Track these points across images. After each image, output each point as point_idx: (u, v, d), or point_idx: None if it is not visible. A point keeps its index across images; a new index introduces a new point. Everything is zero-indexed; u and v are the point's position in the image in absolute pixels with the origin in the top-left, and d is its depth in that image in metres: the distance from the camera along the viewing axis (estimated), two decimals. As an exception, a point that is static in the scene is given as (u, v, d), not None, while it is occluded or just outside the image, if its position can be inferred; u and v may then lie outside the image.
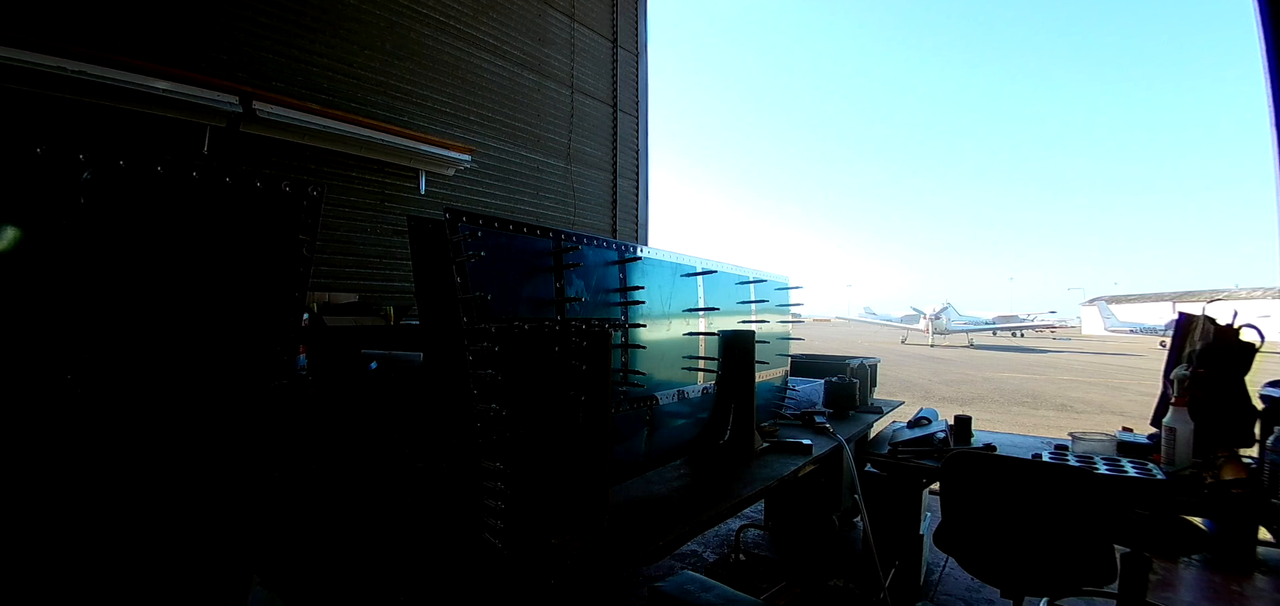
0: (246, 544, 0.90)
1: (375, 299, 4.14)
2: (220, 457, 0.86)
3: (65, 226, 0.70)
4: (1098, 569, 1.74)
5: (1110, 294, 43.78)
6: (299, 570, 1.17)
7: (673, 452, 2.02)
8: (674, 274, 1.98)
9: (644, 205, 6.97)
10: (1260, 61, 2.32)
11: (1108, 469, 1.97)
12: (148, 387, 0.79)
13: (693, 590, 2.21)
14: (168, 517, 0.82)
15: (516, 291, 1.38)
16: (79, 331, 0.72)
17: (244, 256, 0.86)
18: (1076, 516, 1.71)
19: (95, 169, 0.71)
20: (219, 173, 0.81)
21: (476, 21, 5.07)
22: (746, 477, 1.92)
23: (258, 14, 3.73)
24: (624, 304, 1.70)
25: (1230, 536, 3.06)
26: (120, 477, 0.77)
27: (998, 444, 2.40)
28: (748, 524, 3.36)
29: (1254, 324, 2.25)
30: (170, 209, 0.79)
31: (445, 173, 4.76)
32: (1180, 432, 2.02)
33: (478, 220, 1.26)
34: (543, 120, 5.71)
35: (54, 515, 0.72)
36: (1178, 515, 1.95)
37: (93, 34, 3.06)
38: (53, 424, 0.71)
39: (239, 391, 0.87)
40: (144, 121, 3.21)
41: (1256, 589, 2.83)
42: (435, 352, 1.32)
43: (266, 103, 3.51)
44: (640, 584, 2.59)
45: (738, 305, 2.31)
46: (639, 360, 1.74)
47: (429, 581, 1.17)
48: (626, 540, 1.39)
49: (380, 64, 4.38)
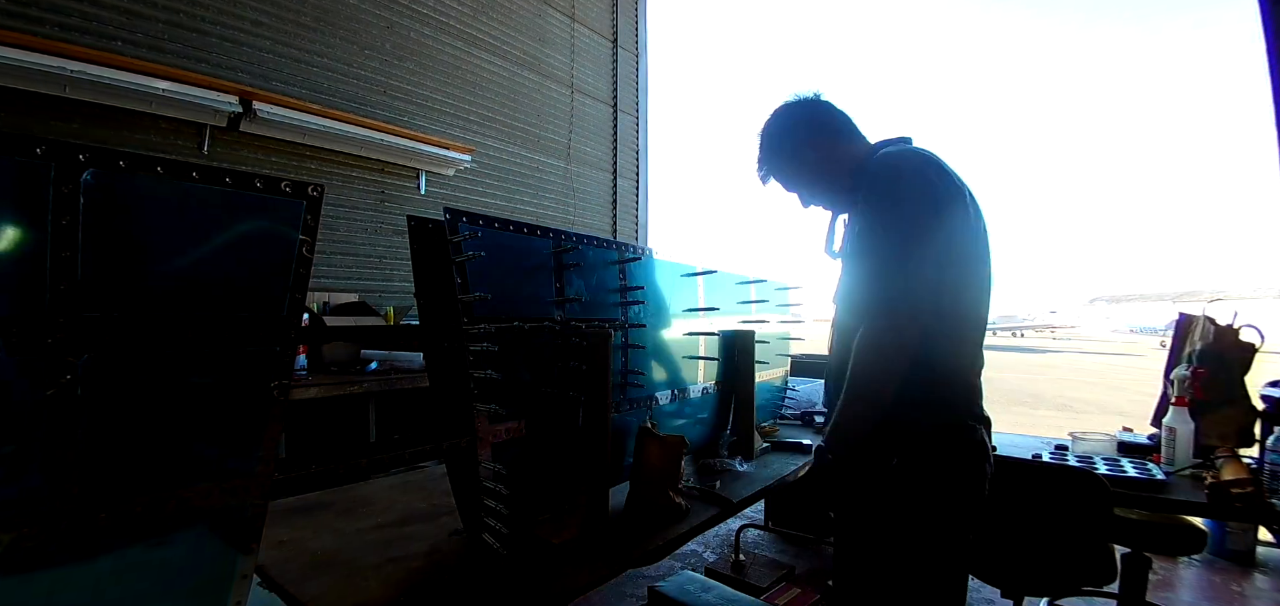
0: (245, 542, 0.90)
1: (375, 299, 4.15)
2: (220, 457, 0.86)
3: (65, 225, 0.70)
4: (1098, 569, 1.74)
5: (1111, 294, 43.78)
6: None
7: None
8: (674, 274, 1.98)
9: (644, 205, 6.97)
10: (1263, 61, 2.32)
11: (1108, 469, 1.97)
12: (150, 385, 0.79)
13: (693, 590, 2.22)
14: (168, 519, 0.82)
15: (516, 291, 1.38)
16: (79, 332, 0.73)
17: (244, 256, 0.86)
18: (1076, 516, 1.71)
19: (96, 168, 0.71)
20: (219, 172, 0.81)
21: (476, 21, 5.07)
22: (746, 477, 1.92)
23: (258, 14, 3.73)
24: (623, 304, 1.70)
25: (1230, 536, 3.07)
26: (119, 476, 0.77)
27: (997, 443, 2.39)
28: (748, 524, 3.37)
29: (1254, 324, 2.25)
30: (170, 208, 0.79)
31: (445, 173, 4.76)
32: (1180, 432, 2.02)
33: (478, 220, 1.26)
34: (543, 120, 5.71)
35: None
36: (1178, 515, 1.95)
37: (93, 34, 3.06)
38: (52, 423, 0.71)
39: (239, 392, 0.87)
40: (144, 121, 3.21)
41: (1256, 589, 2.84)
42: (435, 352, 1.32)
43: (266, 103, 3.52)
44: (640, 584, 2.59)
45: (738, 305, 2.31)
46: (638, 360, 1.74)
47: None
48: (626, 540, 1.39)
49: (380, 64, 4.38)
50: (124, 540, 0.78)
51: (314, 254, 0.90)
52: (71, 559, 0.74)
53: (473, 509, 1.27)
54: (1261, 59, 2.28)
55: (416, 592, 1.12)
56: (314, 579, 1.17)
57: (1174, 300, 20.77)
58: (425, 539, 1.37)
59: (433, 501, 1.64)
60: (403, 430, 3.14)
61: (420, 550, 1.31)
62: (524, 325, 1.36)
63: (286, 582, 1.14)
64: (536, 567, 1.22)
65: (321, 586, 1.14)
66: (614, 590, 2.67)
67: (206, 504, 0.84)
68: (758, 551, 3.14)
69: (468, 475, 1.27)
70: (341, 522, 1.49)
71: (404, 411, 3.19)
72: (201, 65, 3.44)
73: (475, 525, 1.27)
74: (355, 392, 2.95)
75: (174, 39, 3.36)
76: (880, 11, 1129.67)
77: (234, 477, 0.87)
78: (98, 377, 0.74)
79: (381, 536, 1.40)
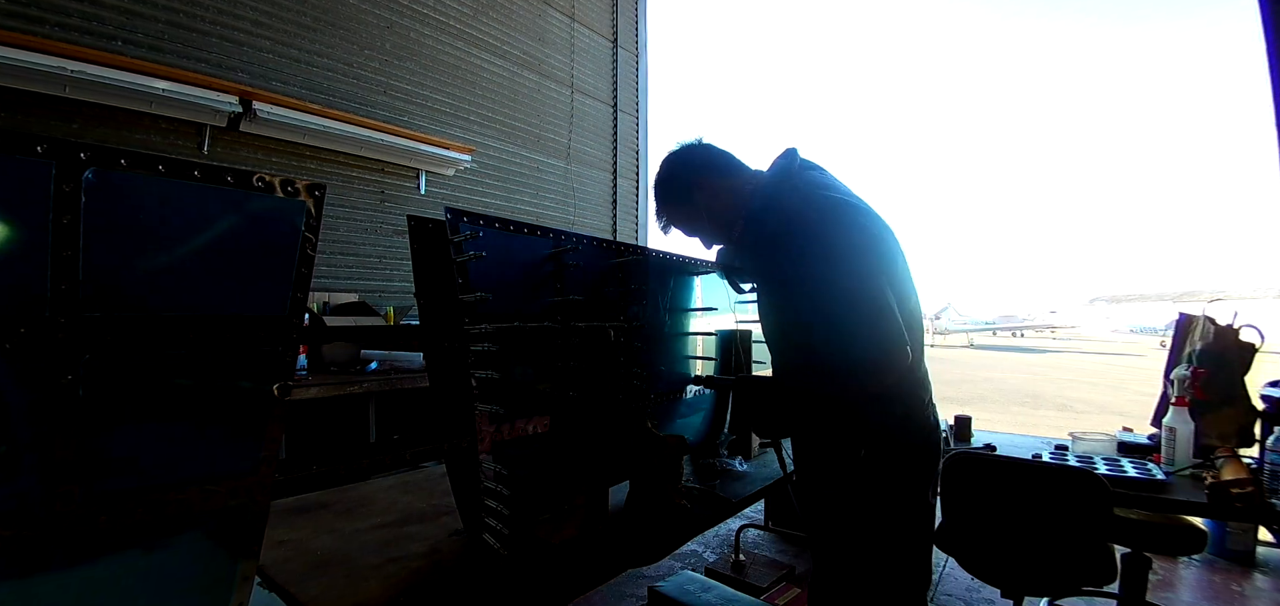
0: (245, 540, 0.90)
1: (375, 299, 4.15)
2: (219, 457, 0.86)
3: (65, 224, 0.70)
4: (1098, 569, 1.74)
5: (1111, 294, 43.81)
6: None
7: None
8: (672, 274, 1.98)
9: (644, 205, 6.97)
10: (1263, 61, 2.32)
11: (1108, 469, 1.97)
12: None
13: (693, 590, 2.22)
14: (165, 521, 0.82)
15: (516, 291, 1.38)
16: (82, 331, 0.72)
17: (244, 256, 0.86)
18: (1076, 516, 1.71)
19: (98, 167, 0.71)
20: (220, 171, 0.81)
21: (476, 21, 5.07)
22: (746, 477, 1.92)
23: (258, 14, 3.73)
24: (621, 303, 1.70)
25: (1230, 536, 3.07)
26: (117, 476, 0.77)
27: (998, 444, 2.40)
28: (748, 524, 3.37)
29: (1254, 324, 2.25)
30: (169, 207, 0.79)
31: (445, 173, 4.76)
32: (1180, 432, 2.03)
33: (478, 220, 1.26)
34: (543, 120, 5.71)
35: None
36: (1178, 515, 1.95)
37: (93, 34, 3.06)
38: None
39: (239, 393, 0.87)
40: (144, 121, 3.21)
41: (1256, 589, 2.84)
42: (435, 353, 1.32)
43: (266, 103, 3.52)
44: (640, 584, 2.59)
45: (735, 304, 2.31)
46: (637, 359, 1.74)
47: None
48: (626, 540, 1.39)
49: (380, 64, 4.38)
50: (124, 542, 0.78)
51: (316, 253, 0.90)
52: (71, 561, 0.74)
53: (473, 509, 1.27)
54: (1261, 59, 2.28)
55: (416, 592, 1.12)
56: (314, 579, 1.17)
57: (1174, 300, 20.77)
58: (425, 539, 1.38)
59: (433, 501, 1.64)
60: (403, 430, 3.14)
61: (420, 550, 1.31)
62: (525, 324, 1.36)
63: (286, 582, 1.14)
64: (536, 567, 1.22)
65: (321, 586, 1.14)
66: (614, 590, 2.67)
67: (207, 505, 0.84)
68: (758, 551, 3.14)
69: (468, 475, 1.27)
70: (341, 522, 1.49)
71: (404, 411, 3.19)
72: (201, 65, 3.44)
73: (475, 525, 1.27)
74: (355, 393, 2.95)
75: (174, 39, 3.35)
76: (881, 10, 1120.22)
77: (235, 478, 0.87)
78: (98, 377, 0.74)
79: (381, 536, 1.40)
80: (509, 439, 1.28)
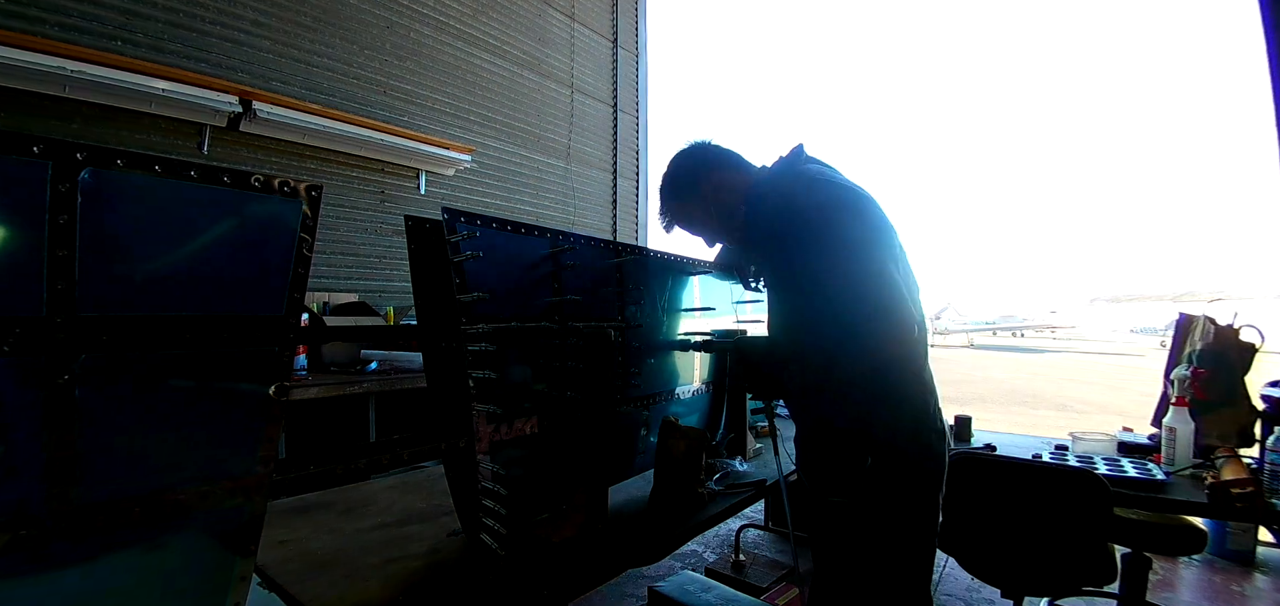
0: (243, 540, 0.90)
1: (375, 299, 4.15)
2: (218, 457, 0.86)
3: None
4: (1098, 569, 1.74)
5: (1111, 294, 43.79)
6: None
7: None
8: (671, 274, 1.98)
9: (644, 205, 6.97)
10: (1263, 61, 2.32)
11: (1108, 469, 1.97)
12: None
13: (693, 590, 2.22)
14: (164, 522, 0.82)
15: (514, 291, 1.38)
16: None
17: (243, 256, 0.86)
18: (1077, 516, 1.71)
19: (94, 167, 0.71)
20: (217, 171, 0.81)
21: (476, 21, 5.07)
22: (745, 476, 1.92)
23: (258, 14, 3.73)
24: (620, 303, 1.70)
25: (1230, 536, 3.06)
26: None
27: (998, 444, 2.39)
28: (747, 524, 3.36)
29: (1254, 324, 2.24)
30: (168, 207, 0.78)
31: (445, 173, 4.76)
32: (1180, 432, 2.02)
33: (475, 220, 1.26)
34: (543, 120, 5.70)
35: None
36: (1178, 515, 1.95)
37: (93, 34, 3.06)
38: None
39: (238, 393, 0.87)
40: (144, 121, 3.21)
41: (1256, 589, 2.83)
42: (433, 353, 1.32)
43: (266, 103, 3.52)
44: (640, 584, 2.59)
45: (733, 305, 2.31)
46: (635, 359, 1.74)
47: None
48: (625, 540, 1.39)
49: (380, 64, 4.38)
50: (121, 542, 0.78)
51: (313, 253, 0.90)
52: (67, 561, 0.74)
53: (470, 509, 1.27)
54: (1262, 59, 2.28)
55: (416, 592, 1.12)
56: (314, 579, 1.17)
57: (1174, 300, 20.75)
58: (425, 539, 1.37)
59: (433, 501, 1.64)
60: (403, 430, 3.14)
61: (420, 550, 1.31)
62: (523, 325, 1.36)
63: (286, 582, 1.14)
64: (536, 567, 1.22)
65: (321, 586, 1.14)
66: (614, 590, 2.67)
67: (204, 506, 0.84)
68: (758, 551, 3.13)
69: (465, 475, 1.27)
70: (341, 522, 1.49)
71: (404, 411, 3.19)
72: (201, 65, 3.44)
73: (473, 526, 1.26)
74: (355, 392, 2.95)
75: (174, 39, 3.35)
76: (881, 9, 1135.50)
77: (232, 479, 0.87)
78: (94, 377, 0.74)
79: (381, 536, 1.40)
80: (506, 439, 1.28)
